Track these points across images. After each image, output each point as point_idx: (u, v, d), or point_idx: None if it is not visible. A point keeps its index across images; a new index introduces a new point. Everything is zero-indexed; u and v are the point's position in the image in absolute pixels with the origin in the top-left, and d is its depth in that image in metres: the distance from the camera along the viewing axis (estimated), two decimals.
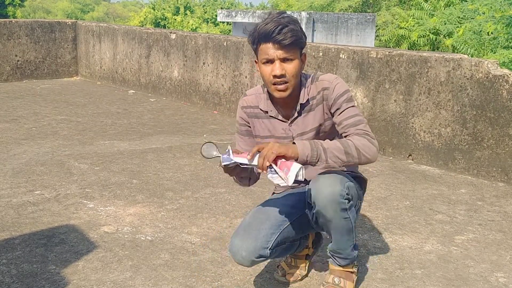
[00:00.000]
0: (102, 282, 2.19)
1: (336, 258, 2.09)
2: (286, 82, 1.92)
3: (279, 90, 1.94)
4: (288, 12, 11.68)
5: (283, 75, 1.90)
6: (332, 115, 2.00)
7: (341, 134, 1.99)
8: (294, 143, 1.83)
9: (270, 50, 1.88)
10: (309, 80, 2.03)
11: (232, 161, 1.82)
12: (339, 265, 2.10)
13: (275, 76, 1.90)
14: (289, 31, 1.85)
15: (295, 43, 1.88)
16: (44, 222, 2.77)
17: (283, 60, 1.89)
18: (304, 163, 1.80)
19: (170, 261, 2.39)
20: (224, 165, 1.84)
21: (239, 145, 2.16)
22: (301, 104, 2.00)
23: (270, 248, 1.96)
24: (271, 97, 2.04)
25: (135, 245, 2.54)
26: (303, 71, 2.03)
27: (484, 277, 2.34)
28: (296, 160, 1.79)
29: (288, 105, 2.03)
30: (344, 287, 2.09)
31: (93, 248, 2.49)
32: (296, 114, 2.02)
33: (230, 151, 1.84)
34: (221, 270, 2.32)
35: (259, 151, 1.80)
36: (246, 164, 1.82)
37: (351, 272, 2.12)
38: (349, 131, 1.93)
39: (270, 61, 1.90)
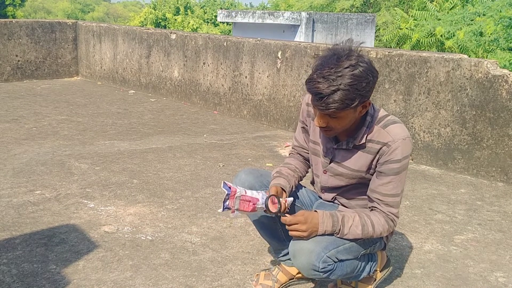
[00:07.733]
0: (103, 282, 2.19)
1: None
2: (330, 130, 1.79)
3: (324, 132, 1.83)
4: (288, 13, 11.39)
5: (323, 127, 1.77)
6: (374, 171, 1.85)
7: (368, 196, 1.90)
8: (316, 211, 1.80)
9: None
10: (375, 120, 1.84)
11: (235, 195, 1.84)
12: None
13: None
14: (333, 102, 1.63)
15: (339, 110, 1.68)
16: (44, 222, 2.77)
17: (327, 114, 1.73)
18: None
19: (170, 261, 2.39)
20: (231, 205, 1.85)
21: (296, 135, 2.14)
22: (355, 144, 1.85)
23: None
24: None
25: (136, 244, 2.55)
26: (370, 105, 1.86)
27: (484, 277, 2.34)
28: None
29: (343, 133, 1.88)
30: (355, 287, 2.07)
31: (93, 248, 2.50)
32: (345, 146, 1.88)
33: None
34: (221, 269, 2.33)
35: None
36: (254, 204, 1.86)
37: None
38: (379, 207, 1.85)
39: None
